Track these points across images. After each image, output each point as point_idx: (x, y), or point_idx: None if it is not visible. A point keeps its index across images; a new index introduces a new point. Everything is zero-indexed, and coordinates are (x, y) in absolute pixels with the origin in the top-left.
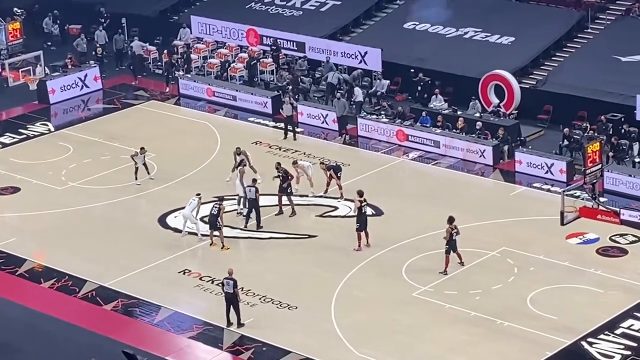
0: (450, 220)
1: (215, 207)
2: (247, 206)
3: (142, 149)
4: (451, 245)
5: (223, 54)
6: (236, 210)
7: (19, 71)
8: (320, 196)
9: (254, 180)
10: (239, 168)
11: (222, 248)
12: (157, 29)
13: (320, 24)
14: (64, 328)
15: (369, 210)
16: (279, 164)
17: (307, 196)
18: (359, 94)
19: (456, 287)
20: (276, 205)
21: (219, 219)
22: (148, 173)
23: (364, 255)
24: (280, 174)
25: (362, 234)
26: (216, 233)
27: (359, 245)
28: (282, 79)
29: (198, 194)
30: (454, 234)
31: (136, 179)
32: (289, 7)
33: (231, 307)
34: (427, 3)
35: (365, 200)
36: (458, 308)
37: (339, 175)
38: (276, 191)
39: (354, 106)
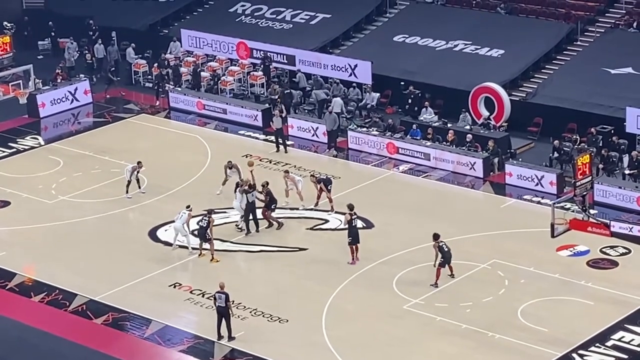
0: (435, 237)
1: (205, 220)
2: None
3: (138, 163)
4: (446, 259)
5: (213, 67)
6: (231, 222)
7: (8, 85)
8: (311, 209)
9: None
10: (239, 188)
11: (211, 260)
12: (147, 43)
13: (310, 37)
14: (54, 342)
15: (359, 223)
16: (267, 183)
17: (297, 209)
18: (336, 104)
19: (447, 299)
20: (261, 218)
21: (208, 231)
22: (139, 187)
23: (355, 268)
24: (264, 193)
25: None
26: (206, 245)
27: (353, 259)
28: (274, 92)
29: (188, 207)
30: (444, 247)
31: (127, 192)
32: (279, 20)
33: (222, 320)
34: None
35: (355, 214)
36: (449, 320)
37: (329, 188)
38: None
39: (343, 118)
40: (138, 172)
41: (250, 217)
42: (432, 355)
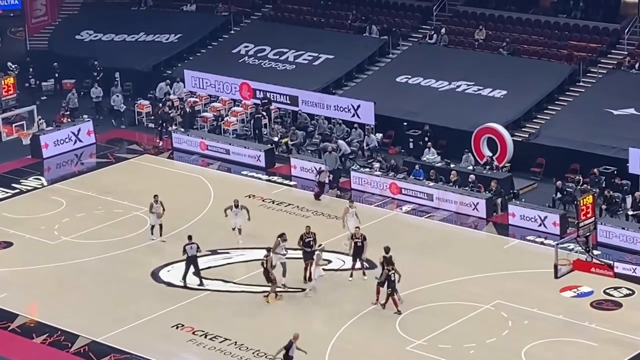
0: (386, 250)
1: (264, 260)
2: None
3: (155, 196)
4: (391, 287)
5: (216, 107)
6: (234, 262)
7: (12, 126)
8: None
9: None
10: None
11: (267, 297)
12: (151, 83)
13: (313, 78)
14: None
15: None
16: (308, 227)
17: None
18: (344, 146)
19: (450, 340)
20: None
21: (271, 271)
22: (160, 235)
23: (358, 309)
24: (311, 238)
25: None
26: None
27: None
28: (275, 132)
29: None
30: (392, 274)
31: (152, 233)
32: (282, 61)
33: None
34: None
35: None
36: None
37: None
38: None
39: (344, 160)
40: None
41: (192, 269)
42: None
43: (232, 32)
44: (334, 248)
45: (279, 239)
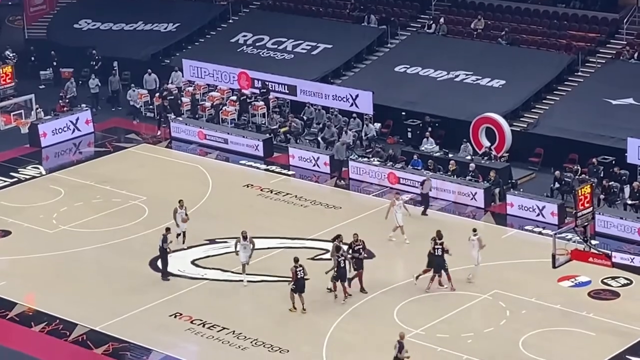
0: (335, 238)
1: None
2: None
3: (180, 201)
4: (339, 274)
5: (215, 97)
6: (232, 252)
7: (10, 115)
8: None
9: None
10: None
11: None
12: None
13: (311, 67)
14: None
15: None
16: (356, 234)
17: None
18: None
19: (448, 330)
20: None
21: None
22: (183, 242)
23: (355, 299)
24: (360, 246)
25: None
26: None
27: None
28: (274, 122)
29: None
30: (341, 262)
31: (183, 242)
32: (280, 51)
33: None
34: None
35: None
36: (450, 351)
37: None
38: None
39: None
40: (177, 212)
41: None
42: None
43: (230, 21)
44: (330, 237)
45: (335, 242)
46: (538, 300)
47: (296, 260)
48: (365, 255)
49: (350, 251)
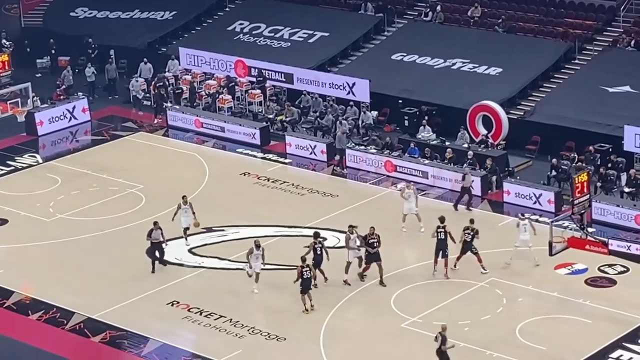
0: (315, 235)
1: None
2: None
3: (183, 197)
4: (316, 261)
5: (211, 85)
6: (229, 240)
7: (7, 103)
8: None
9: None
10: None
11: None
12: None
13: (308, 55)
14: None
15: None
16: (372, 228)
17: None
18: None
19: (445, 318)
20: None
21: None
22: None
23: (352, 287)
24: (375, 239)
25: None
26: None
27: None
28: (270, 110)
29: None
30: (317, 249)
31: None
32: (277, 39)
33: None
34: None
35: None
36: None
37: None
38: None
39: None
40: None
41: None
42: None
43: (227, 9)
44: (327, 225)
45: (349, 231)
46: (535, 288)
47: (303, 260)
48: (366, 247)
49: (365, 244)
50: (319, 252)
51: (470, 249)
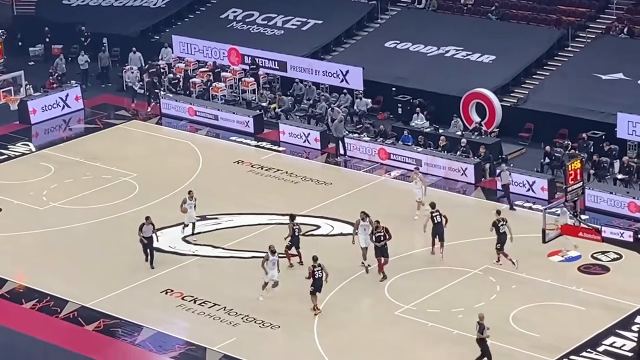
0: (291, 218)
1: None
2: None
3: (189, 192)
4: (293, 242)
5: (205, 73)
6: (223, 228)
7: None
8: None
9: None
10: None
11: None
12: (139, 49)
13: (301, 43)
14: (45, 348)
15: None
16: (378, 222)
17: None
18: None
19: (439, 305)
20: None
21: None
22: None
23: (346, 275)
24: (381, 233)
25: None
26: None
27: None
28: (264, 98)
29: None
30: (296, 230)
31: (183, 230)
32: (270, 27)
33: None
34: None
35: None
36: (441, 326)
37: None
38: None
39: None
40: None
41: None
42: None
43: None
44: (321, 213)
45: (360, 217)
46: (528, 275)
47: (315, 259)
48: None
49: (372, 238)
50: (296, 234)
51: (504, 241)
